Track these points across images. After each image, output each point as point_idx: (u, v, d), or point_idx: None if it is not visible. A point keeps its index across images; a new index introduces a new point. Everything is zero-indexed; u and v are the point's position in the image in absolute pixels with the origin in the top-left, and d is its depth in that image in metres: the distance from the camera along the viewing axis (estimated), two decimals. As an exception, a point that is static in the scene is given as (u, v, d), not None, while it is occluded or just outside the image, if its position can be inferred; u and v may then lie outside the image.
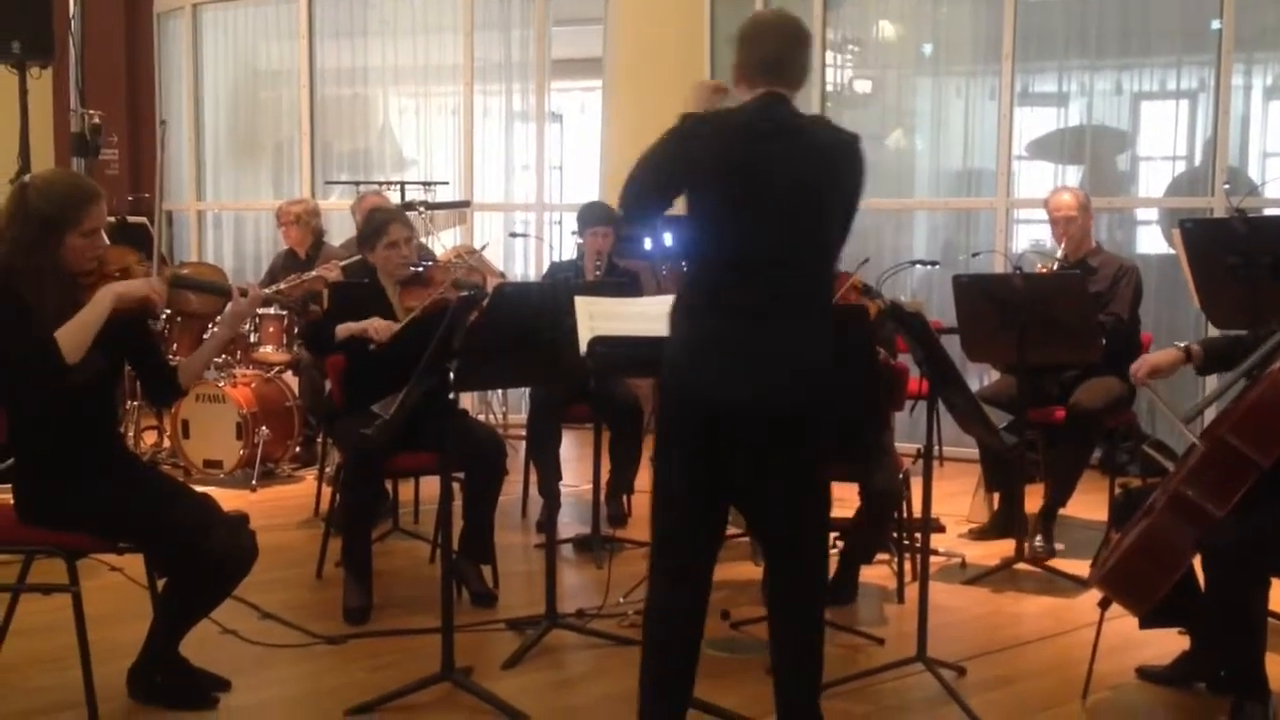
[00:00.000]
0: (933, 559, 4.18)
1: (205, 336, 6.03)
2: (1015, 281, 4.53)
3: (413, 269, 4.44)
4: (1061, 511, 5.00)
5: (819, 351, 2.83)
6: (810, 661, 2.93)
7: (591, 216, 5.48)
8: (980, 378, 6.38)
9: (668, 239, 6.70)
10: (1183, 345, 3.53)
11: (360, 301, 4.41)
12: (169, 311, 6.08)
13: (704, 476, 2.85)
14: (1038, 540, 4.78)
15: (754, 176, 2.78)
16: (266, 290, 5.23)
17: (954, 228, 7.22)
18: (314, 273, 5.85)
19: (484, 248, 5.76)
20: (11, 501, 3.25)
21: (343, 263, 5.71)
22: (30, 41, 6.07)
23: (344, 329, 4.26)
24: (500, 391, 7.42)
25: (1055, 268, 5.03)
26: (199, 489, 3.45)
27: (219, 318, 4.03)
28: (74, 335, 3.04)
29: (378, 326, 4.20)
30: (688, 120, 2.84)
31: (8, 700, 3.38)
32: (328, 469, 5.33)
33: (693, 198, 2.84)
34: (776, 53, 2.87)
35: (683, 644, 2.90)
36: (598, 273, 5.34)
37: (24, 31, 6.05)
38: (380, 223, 4.44)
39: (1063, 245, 5.10)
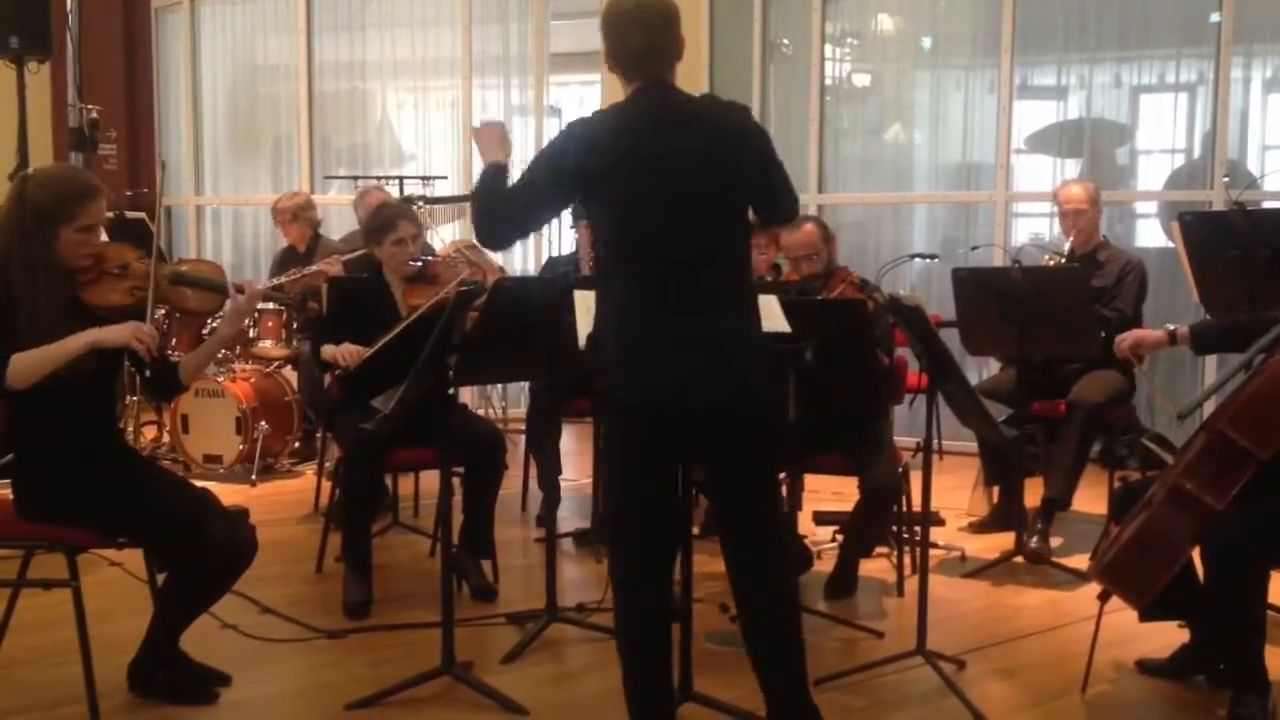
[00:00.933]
0: (932, 552, 4.19)
1: (205, 333, 6.04)
2: (1014, 275, 4.53)
3: (413, 264, 4.43)
4: (1060, 506, 5.00)
5: (754, 342, 2.83)
6: (790, 650, 2.90)
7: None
8: (979, 371, 6.39)
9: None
10: (1171, 328, 3.53)
11: (361, 296, 4.41)
12: (165, 309, 6.08)
13: (651, 477, 2.84)
14: (1034, 540, 4.76)
15: (664, 171, 2.73)
16: (265, 286, 5.22)
17: (953, 221, 7.21)
18: (314, 267, 5.84)
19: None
20: (11, 497, 3.25)
21: (344, 257, 5.70)
22: (28, 36, 6.07)
23: (326, 354, 4.26)
24: (500, 386, 7.42)
25: (1062, 261, 4.99)
26: (198, 484, 3.44)
27: (219, 314, 4.03)
28: (29, 363, 3.00)
29: (346, 353, 4.15)
30: (569, 128, 2.81)
31: (8, 696, 3.38)
32: (327, 464, 5.33)
33: (601, 200, 2.80)
34: (645, 44, 2.78)
35: (659, 643, 2.89)
36: (592, 263, 5.37)
37: (22, 26, 6.05)
38: (389, 218, 4.42)
39: (1071, 238, 5.07)
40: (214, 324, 5.88)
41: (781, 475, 3.32)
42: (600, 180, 2.78)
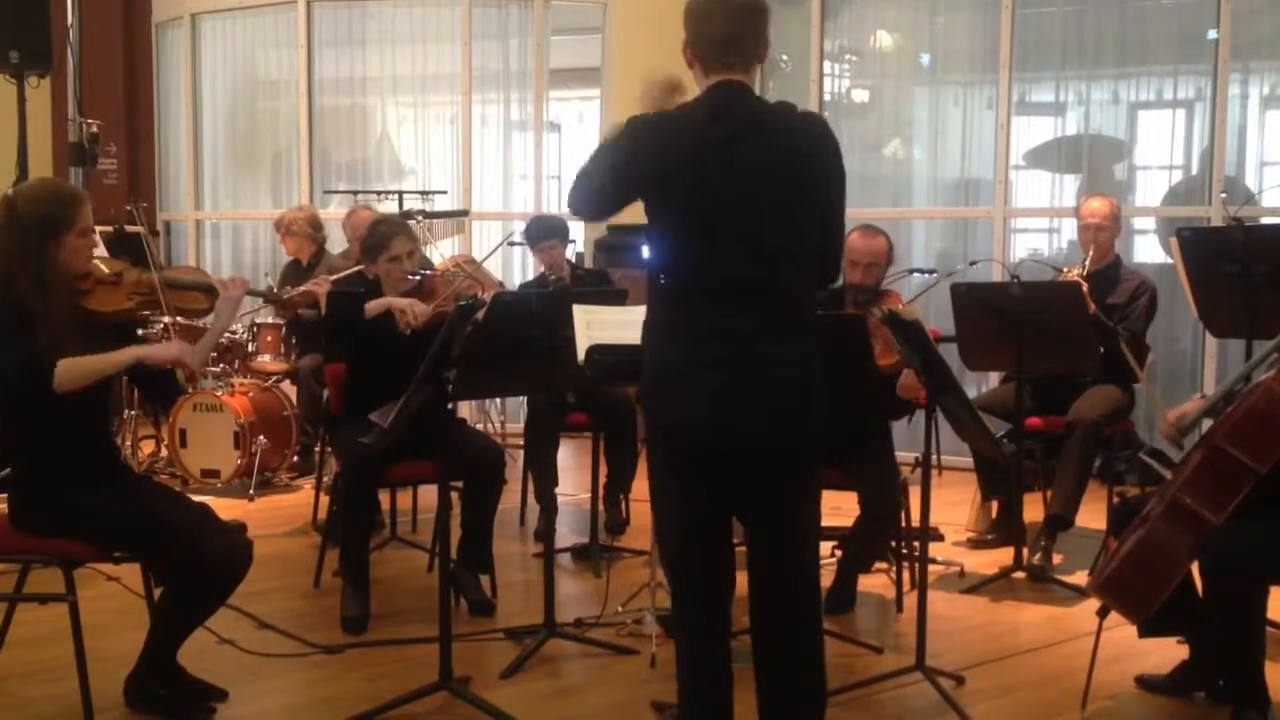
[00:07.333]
0: (931, 568, 4.18)
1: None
2: (1012, 290, 4.53)
3: (410, 277, 4.43)
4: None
5: (806, 374, 2.65)
6: (815, 682, 2.82)
7: (540, 232, 5.42)
8: (978, 386, 6.39)
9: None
10: (1202, 395, 3.46)
11: (358, 311, 4.40)
12: (169, 320, 6.08)
13: (697, 499, 2.72)
14: (1037, 557, 4.73)
15: (721, 186, 2.55)
16: (250, 286, 5.21)
17: (951, 237, 7.23)
18: (304, 286, 5.83)
19: (485, 260, 5.74)
20: (6, 510, 3.25)
21: (334, 276, 5.66)
22: (28, 51, 6.08)
23: (377, 304, 4.23)
24: (498, 400, 7.42)
25: (1081, 276, 4.86)
26: (196, 499, 3.44)
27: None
28: (80, 370, 3.05)
29: (418, 311, 4.17)
30: (634, 125, 2.64)
31: (5, 711, 3.37)
32: (325, 478, 5.32)
33: (654, 212, 2.65)
34: (726, 31, 2.61)
35: (717, 655, 2.82)
36: (560, 279, 5.31)
37: (22, 41, 6.05)
38: (384, 236, 4.43)
39: (1090, 252, 5.00)
40: (203, 324, 5.84)
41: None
42: (653, 189, 2.62)
